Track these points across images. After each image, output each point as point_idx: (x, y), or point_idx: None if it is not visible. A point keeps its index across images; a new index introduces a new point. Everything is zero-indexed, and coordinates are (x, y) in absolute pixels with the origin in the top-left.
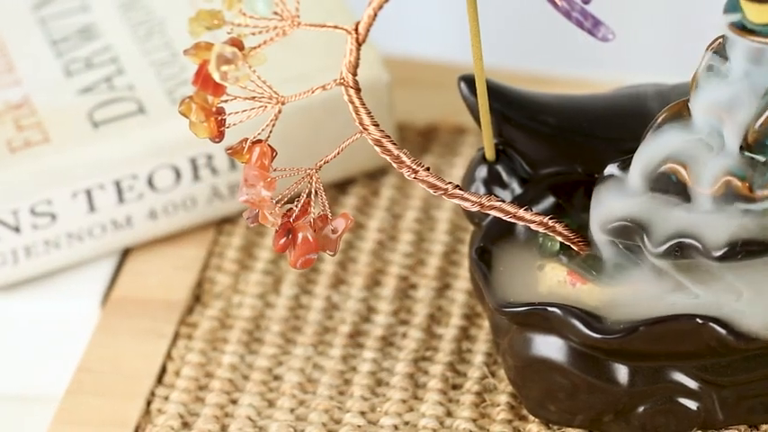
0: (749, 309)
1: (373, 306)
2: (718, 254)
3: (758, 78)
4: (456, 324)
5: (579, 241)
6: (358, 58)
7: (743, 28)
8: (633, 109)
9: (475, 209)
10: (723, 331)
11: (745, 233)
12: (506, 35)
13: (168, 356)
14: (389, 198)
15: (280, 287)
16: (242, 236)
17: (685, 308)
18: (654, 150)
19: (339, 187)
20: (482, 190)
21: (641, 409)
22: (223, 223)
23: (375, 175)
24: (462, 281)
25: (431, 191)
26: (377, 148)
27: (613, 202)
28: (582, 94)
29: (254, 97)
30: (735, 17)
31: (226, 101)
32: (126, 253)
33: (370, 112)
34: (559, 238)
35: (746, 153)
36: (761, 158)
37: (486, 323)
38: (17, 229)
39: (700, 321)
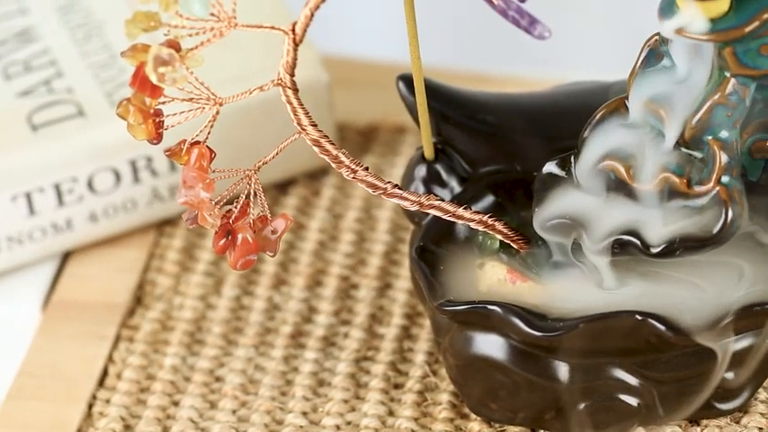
0: (688, 304)
1: (314, 306)
2: (657, 250)
3: (694, 74)
4: (397, 323)
5: (519, 239)
6: (295, 59)
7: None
8: (571, 106)
9: (414, 208)
10: (662, 327)
11: (684, 229)
12: (446, 34)
13: (109, 359)
14: (330, 198)
15: (221, 288)
16: (183, 237)
17: (625, 304)
18: (592, 147)
19: (280, 188)
20: (421, 189)
21: (582, 406)
22: (163, 225)
23: (316, 176)
24: (403, 280)
25: (370, 190)
26: (315, 149)
27: (552, 199)
28: (520, 93)
29: (191, 99)
30: (671, 21)
31: (163, 102)
32: (66, 256)
33: (308, 113)
34: (499, 237)
35: (684, 149)
36: (698, 155)
37: (427, 322)
38: None
39: (639, 318)
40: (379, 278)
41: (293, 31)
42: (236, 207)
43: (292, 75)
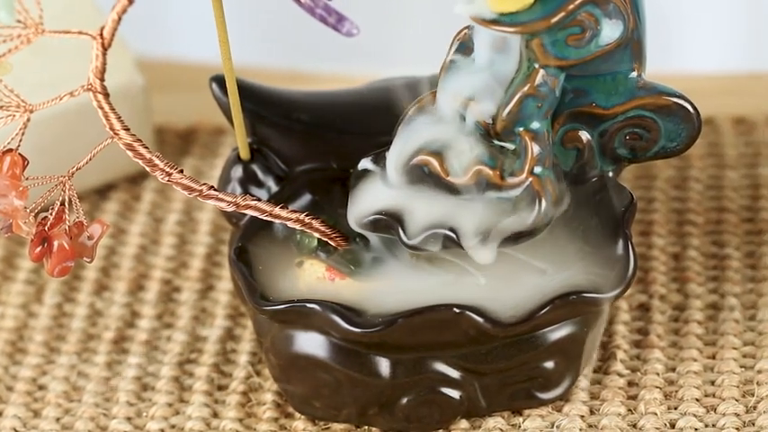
0: (505, 296)
1: (137, 311)
2: (473, 243)
3: (503, 67)
4: (220, 325)
5: (336, 237)
6: (104, 63)
7: (485, 17)
8: (385, 102)
9: (231, 209)
10: (480, 319)
11: (499, 221)
12: (260, 33)
13: None
14: (151, 202)
15: (42, 296)
16: (2, 246)
17: (443, 298)
18: (405, 143)
19: (100, 193)
20: (238, 190)
21: (404, 400)
22: None
23: (136, 180)
24: (225, 281)
25: (186, 193)
26: (129, 153)
27: (368, 195)
28: (334, 90)
29: (1, 107)
30: (472, 8)
31: None
32: None
33: (120, 117)
34: (317, 235)
35: (496, 141)
36: (510, 146)
37: (249, 323)
38: None
39: (457, 311)
40: (201, 280)
41: (101, 35)
42: (51, 214)
43: (102, 79)
